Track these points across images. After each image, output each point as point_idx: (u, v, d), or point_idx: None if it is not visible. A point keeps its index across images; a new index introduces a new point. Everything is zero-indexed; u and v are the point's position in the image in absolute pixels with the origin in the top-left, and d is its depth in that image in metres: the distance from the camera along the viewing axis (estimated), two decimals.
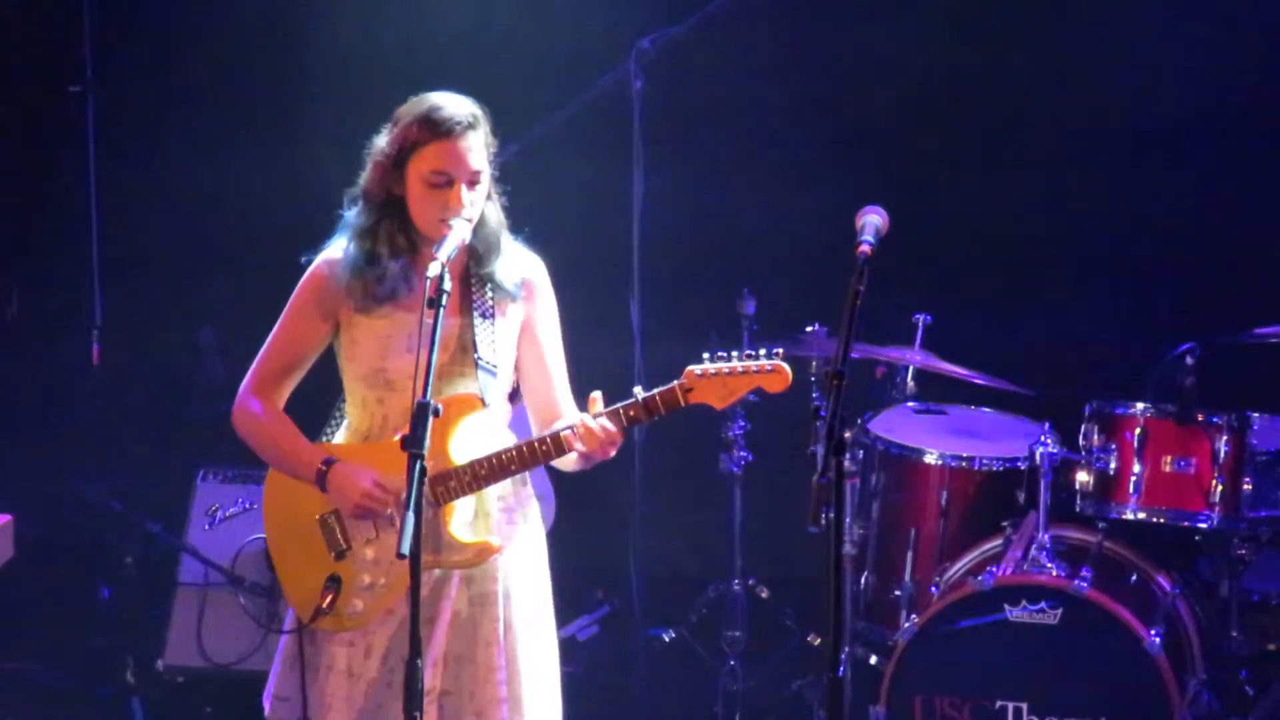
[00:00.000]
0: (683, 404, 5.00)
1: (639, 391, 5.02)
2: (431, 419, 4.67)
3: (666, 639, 8.06)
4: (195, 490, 7.85)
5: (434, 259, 4.83)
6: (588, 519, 7.96)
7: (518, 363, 5.23)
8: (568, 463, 5.11)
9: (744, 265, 8.22)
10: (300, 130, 8.58)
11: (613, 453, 5.04)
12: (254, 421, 5.17)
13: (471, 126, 5.01)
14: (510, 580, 5.17)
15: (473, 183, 5.01)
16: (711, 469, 7.76)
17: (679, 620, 8.05)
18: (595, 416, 5.01)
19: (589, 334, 5.79)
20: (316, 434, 5.25)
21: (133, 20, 8.72)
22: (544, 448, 5.03)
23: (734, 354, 5.00)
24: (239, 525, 7.74)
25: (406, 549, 4.57)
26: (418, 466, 4.62)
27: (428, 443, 4.65)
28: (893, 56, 8.39)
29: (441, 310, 4.76)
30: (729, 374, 4.98)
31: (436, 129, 5.00)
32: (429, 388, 4.69)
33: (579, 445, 4.99)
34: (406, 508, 4.59)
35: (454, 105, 5.04)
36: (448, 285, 4.79)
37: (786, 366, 4.97)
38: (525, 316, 5.20)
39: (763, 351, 4.99)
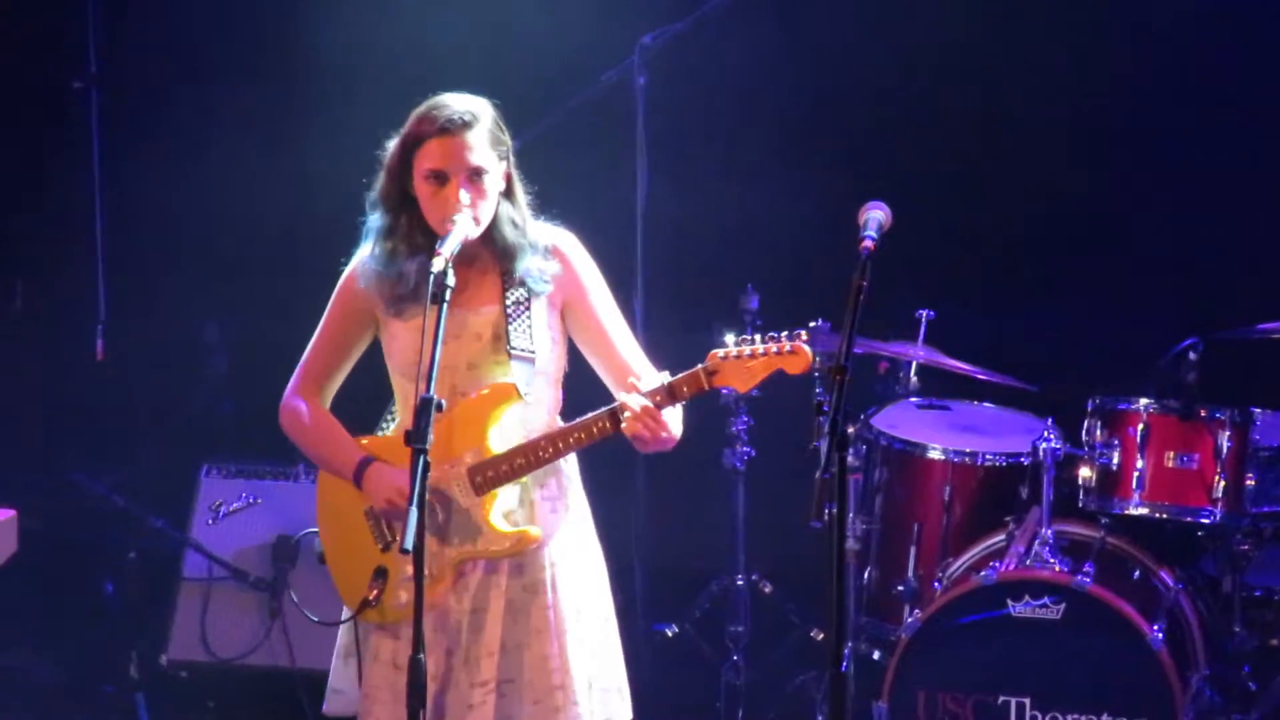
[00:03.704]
0: (706, 387, 5.01)
1: (665, 376, 5.03)
2: (435, 413, 4.70)
3: (670, 634, 8.06)
4: (199, 485, 7.86)
5: (438, 254, 4.85)
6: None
7: (578, 340, 5.23)
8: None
9: (747, 260, 8.22)
10: (305, 125, 8.58)
11: (663, 434, 5.01)
12: (299, 421, 5.22)
13: (467, 124, 5.00)
14: (558, 568, 5.18)
15: (472, 179, 5.01)
16: (715, 464, 7.77)
17: (682, 615, 8.05)
18: (629, 394, 5.02)
19: None
20: (370, 431, 5.27)
21: (136, 15, 8.72)
22: (576, 435, 5.05)
23: (757, 337, 5.02)
24: (242, 520, 7.75)
25: (409, 544, 4.60)
26: (421, 462, 4.65)
27: (430, 437, 4.68)
28: (895, 51, 8.39)
29: (445, 305, 4.79)
30: (750, 356, 5.00)
31: (432, 125, 5.01)
32: (432, 383, 4.71)
33: (625, 425, 4.99)
34: (410, 502, 4.61)
35: (454, 103, 5.05)
36: (451, 281, 4.82)
37: (807, 348, 4.98)
38: (565, 296, 5.20)
39: (785, 334, 5.01)
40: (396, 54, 8.38)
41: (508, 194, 5.13)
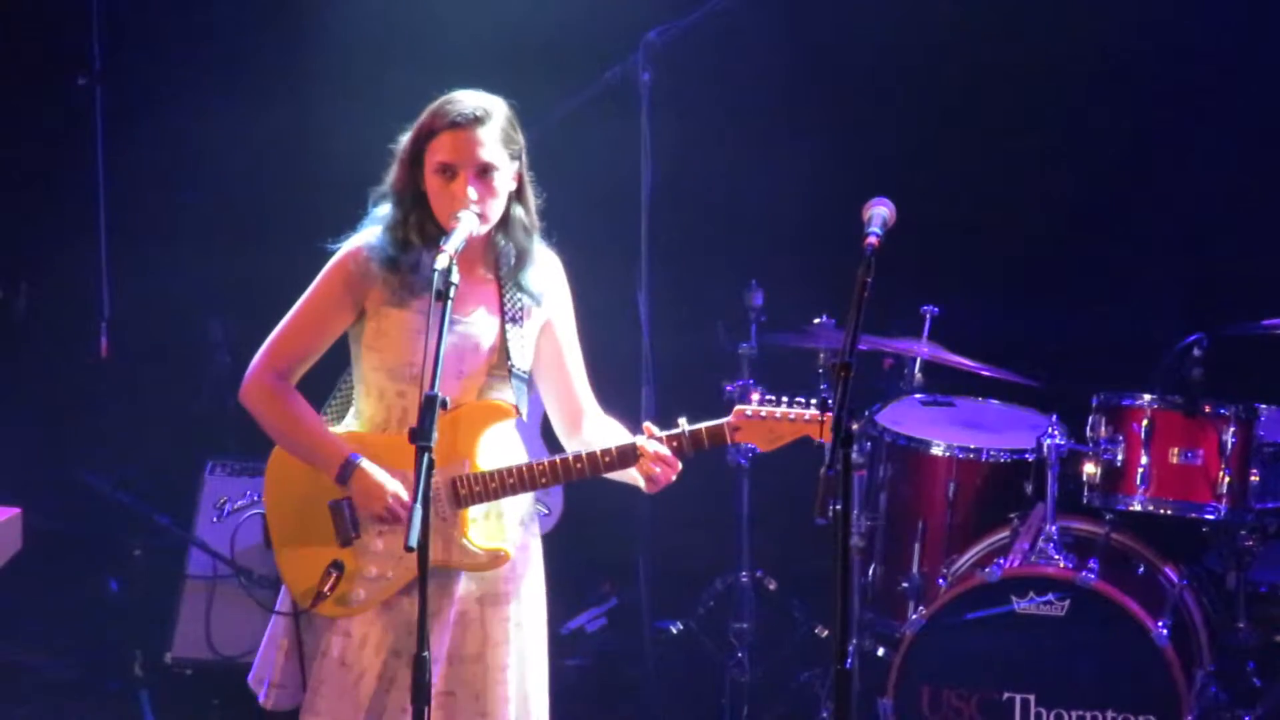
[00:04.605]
0: (729, 442, 5.06)
1: (684, 423, 5.05)
2: (439, 411, 4.67)
3: (674, 631, 8.06)
4: (203, 483, 7.86)
5: (442, 251, 4.82)
6: (595, 512, 7.96)
7: (539, 363, 5.23)
8: (626, 477, 5.14)
9: (752, 257, 8.22)
10: (310, 123, 8.58)
11: (673, 477, 5.07)
12: (270, 400, 5.12)
13: (479, 120, 4.99)
14: (521, 581, 5.19)
15: (480, 175, 4.99)
16: (719, 461, 7.76)
17: (687, 612, 8.05)
18: (649, 438, 5.05)
19: (597, 326, 5.78)
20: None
21: (139, 12, 8.72)
22: (579, 465, 5.06)
23: (784, 399, 5.03)
24: (246, 517, 7.74)
25: (414, 542, 4.56)
26: (425, 460, 4.62)
27: (435, 435, 4.65)
28: (901, 48, 8.40)
29: (450, 303, 4.77)
30: (779, 419, 5.03)
31: (444, 120, 5.00)
32: (436, 380, 4.68)
33: (638, 465, 5.03)
34: (414, 500, 4.59)
35: (467, 98, 5.04)
36: (455, 278, 4.78)
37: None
38: (547, 318, 5.20)
39: (814, 401, 5.02)
40: (401, 54, 8.38)
41: (519, 197, 5.12)
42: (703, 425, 5.05)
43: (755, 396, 5.06)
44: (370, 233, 5.11)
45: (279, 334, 5.14)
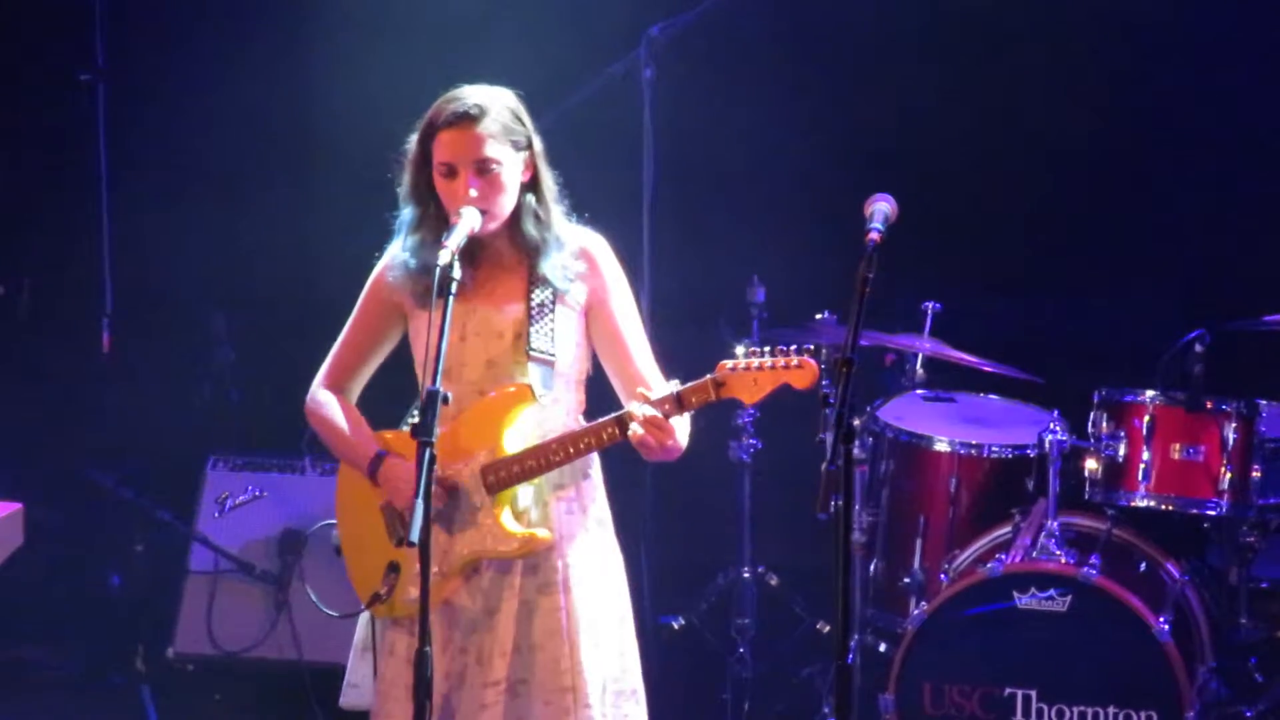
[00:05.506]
0: (714, 398, 5.00)
1: (675, 384, 5.03)
2: (442, 406, 4.71)
3: (676, 626, 8.06)
4: (205, 478, 7.86)
5: (444, 247, 4.85)
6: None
7: (595, 345, 5.22)
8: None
9: (754, 253, 8.21)
10: (314, 120, 8.58)
11: (669, 444, 5.02)
12: (320, 412, 5.24)
13: (474, 117, 5.00)
14: (572, 570, 5.16)
15: (480, 172, 5.00)
16: (721, 457, 7.77)
17: (689, 607, 8.05)
18: (639, 403, 5.02)
19: None
20: (396, 423, 5.29)
21: (142, 8, 8.72)
22: (585, 440, 5.06)
23: (767, 349, 5.01)
24: (249, 513, 7.76)
25: (416, 536, 4.60)
26: (427, 455, 4.65)
27: (437, 430, 4.68)
28: (903, 44, 8.40)
29: (451, 299, 4.80)
30: (758, 369, 4.99)
31: (440, 118, 5.03)
32: (438, 375, 4.72)
33: (632, 432, 4.99)
34: (415, 495, 4.62)
35: (467, 95, 5.05)
36: (456, 274, 4.82)
37: (813, 363, 4.96)
38: (588, 297, 5.18)
39: (794, 348, 5.00)
40: (404, 50, 8.37)
41: (533, 187, 5.13)
42: (689, 385, 5.01)
43: (740, 350, 5.04)
44: (399, 241, 5.17)
45: (333, 350, 5.28)
